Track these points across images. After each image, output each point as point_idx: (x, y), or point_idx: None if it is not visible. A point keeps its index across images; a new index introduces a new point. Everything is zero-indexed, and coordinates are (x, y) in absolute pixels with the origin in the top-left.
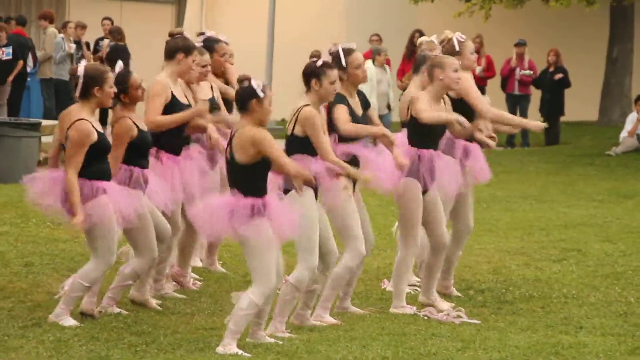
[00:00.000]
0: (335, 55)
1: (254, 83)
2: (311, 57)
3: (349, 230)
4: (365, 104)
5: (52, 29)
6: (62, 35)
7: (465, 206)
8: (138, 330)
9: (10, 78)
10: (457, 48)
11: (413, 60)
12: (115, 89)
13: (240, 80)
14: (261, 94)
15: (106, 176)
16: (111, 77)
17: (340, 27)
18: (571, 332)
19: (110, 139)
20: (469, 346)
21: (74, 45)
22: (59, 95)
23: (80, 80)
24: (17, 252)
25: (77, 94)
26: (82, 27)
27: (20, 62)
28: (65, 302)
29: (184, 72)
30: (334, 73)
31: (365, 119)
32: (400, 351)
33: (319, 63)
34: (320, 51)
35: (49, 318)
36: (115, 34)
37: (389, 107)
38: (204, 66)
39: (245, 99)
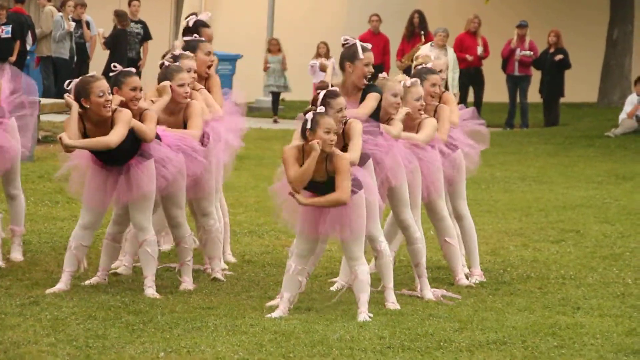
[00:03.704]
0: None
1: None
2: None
3: None
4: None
5: (49, 7)
6: (60, 13)
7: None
8: (135, 309)
9: (14, 57)
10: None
11: (412, 41)
12: (107, 97)
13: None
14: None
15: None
16: (98, 85)
17: (340, 7)
18: (569, 312)
19: None
20: (466, 327)
21: (73, 24)
22: (59, 73)
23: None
24: None
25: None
26: (82, 5)
27: (18, 42)
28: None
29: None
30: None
31: None
32: (398, 331)
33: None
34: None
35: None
36: (121, 18)
37: (446, 89)
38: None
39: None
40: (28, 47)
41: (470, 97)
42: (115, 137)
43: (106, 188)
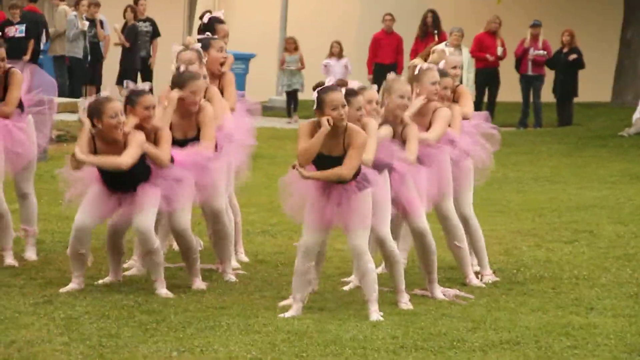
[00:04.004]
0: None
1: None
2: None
3: None
4: None
5: (63, 7)
6: (74, 12)
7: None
8: (148, 308)
9: (27, 57)
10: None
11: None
12: (119, 119)
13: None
14: None
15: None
16: (111, 107)
17: (353, 7)
18: (582, 313)
19: None
20: (480, 326)
21: (87, 23)
22: (73, 73)
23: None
24: None
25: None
26: (96, 4)
27: (32, 41)
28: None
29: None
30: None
31: None
32: (411, 331)
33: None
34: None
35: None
36: (133, 11)
37: None
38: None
39: None
40: (42, 46)
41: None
42: (127, 158)
43: (107, 206)
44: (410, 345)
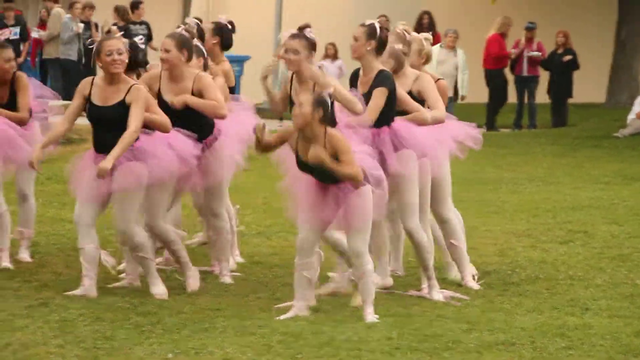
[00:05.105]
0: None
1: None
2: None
3: None
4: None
5: (57, 9)
6: (69, 15)
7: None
8: (143, 310)
9: (21, 59)
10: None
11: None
12: (115, 57)
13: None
14: None
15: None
16: (107, 44)
17: (347, 8)
18: (577, 313)
19: None
20: (475, 327)
21: (82, 25)
22: (68, 75)
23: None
24: None
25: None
26: (91, 7)
27: (27, 44)
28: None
29: None
30: None
31: None
32: (406, 332)
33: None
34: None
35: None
36: (122, 13)
37: (455, 90)
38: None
39: None
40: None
41: (484, 98)
42: (135, 124)
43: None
44: (405, 346)
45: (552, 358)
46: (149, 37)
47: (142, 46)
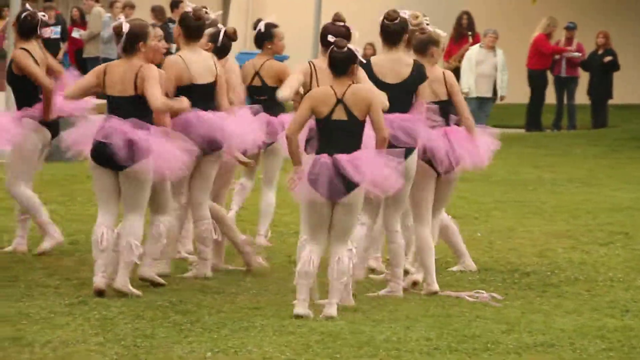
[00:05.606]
0: None
1: (354, 48)
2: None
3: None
4: None
5: (97, 9)
6: (109, 14)
7: None
8: (182, 309)
9: (60, 57)
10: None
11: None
12: (163, 44)
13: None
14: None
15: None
16: (152, 31)
17: (387, 8)
18: (617, 315)
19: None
20: (514, 329)
21: (122, 20)
22: None
23: (124, 37)
24: (63, 231)
25: (120, 50)
26: (131, 6)
27: (66, 43)
28: (127, 267)
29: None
30: None
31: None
32: (445, 333)
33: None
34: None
35: (116, 284)
36: (158, 13)
37: (494, 91)
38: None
39: (347, 63)
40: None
41: (521, 99)
42: (156, 100)
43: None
44: (444, 347)
45: None
46: None
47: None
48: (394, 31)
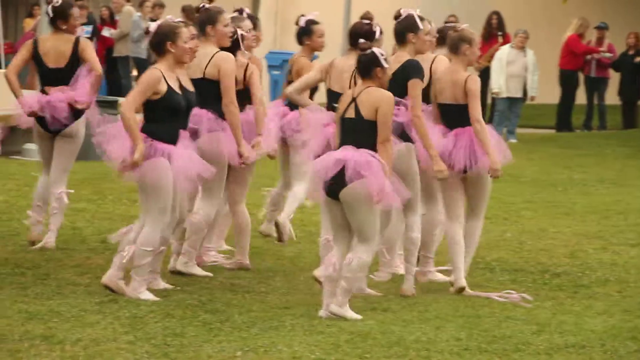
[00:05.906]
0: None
1: (377, 52)
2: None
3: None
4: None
5: (128, 8)
6: (139, 14)
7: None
8: (212, 308)
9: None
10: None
11: (490, 42)
12: (192, 45)
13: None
14: (385, 65)
15: (173, 139)
16: (184, 32)
17: (416, 6)
18: None
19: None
20: (544, 329)
21: (152, 24)
22: (138, 73)
23: (154, 38)
24: (93, 229)
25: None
26: (161, 5)
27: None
28: (137, 273)
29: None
30: None
31: None
32: (475, 333)
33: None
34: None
35: (127, 292)
36: (189, 12)
37: (524, 91)
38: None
39: (369, 65)
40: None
41: (551, 99)
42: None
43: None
44: (474, 347)
45: None
46: None
47: None
48: (395, 30)
